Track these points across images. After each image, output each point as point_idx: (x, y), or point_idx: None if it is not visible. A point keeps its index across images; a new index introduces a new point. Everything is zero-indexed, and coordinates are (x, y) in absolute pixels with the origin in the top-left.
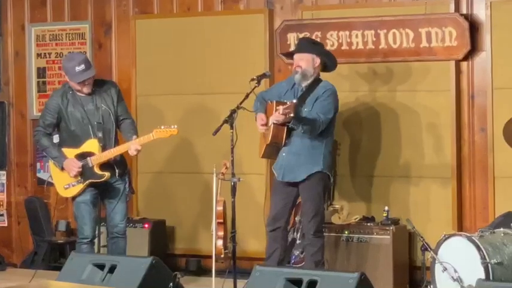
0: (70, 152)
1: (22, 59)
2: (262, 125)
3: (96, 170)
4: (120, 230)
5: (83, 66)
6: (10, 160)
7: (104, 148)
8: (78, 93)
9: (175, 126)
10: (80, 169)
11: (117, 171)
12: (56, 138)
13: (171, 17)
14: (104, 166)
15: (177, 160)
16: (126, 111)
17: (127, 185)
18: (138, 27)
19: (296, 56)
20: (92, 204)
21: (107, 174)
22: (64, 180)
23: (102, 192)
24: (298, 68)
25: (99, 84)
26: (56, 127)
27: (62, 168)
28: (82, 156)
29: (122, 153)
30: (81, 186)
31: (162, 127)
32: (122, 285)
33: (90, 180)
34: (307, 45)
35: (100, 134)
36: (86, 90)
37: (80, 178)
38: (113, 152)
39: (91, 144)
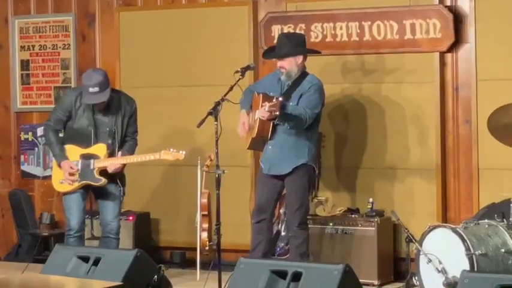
0: (76, 150)
1: (5, 52)
2: (242, 130)
3: (96, 173)
4: (111, 228)
5: (96, 89)
6: None
7: (110, 155)
8: None
9: (183, 152)
10: (73, 175)
11: (117, 180)
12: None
13: (155, 9)
14: (105, 172)
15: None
16: (133, 132)
17: (121, 190)
18: (122, 19)
19: (279, 59)
20: (81, 196)
21: (104, 179)
22: (62, 175)
23: (95, 191)
24: (282, 70)
25: (117, 98)
26: (65, 124)
27: (59, 166)
28: (87, 157)
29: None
30: (75, 185)
31: (171, 150)
32: (106, 277)
33: (86, 182)
34: (287, 49)
35: (109, 141)
36: (97, 107)
37: (77, 177)
38: (117, 160)
39: (99, 148)
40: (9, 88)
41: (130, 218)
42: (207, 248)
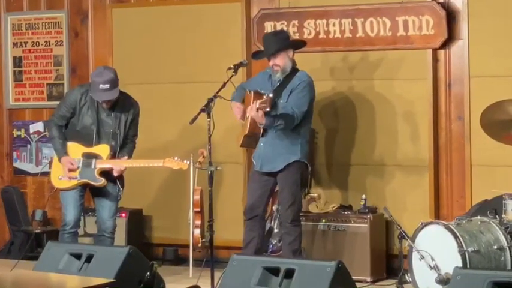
0: (79, 148)
1: None
2: (239, 115)
3: (96, 173)
4: (107, 227)
5: (107, 86)
6: None
7: (113, 157)
8: None
9: (188, 162)
10: (72, 171)
11: (115, 180)
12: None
13: (148, 6)
14: (105, 173)
15: (154, 149)
16: (133, 136)
17: (119, 190)
18: (115, 16)
19: (271, 58)
20: (78, 193)
21: (103, 180)
22: (61, 171)
23: (92, 189)
24: (276, 67)
25: (122, 99)
26: (69, 120)
27: (59, 161)
28: (89, 156)
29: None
30: (74, 182)
31: (176, 158)
32: (99, 274)
33: (85, 180)
34: (277, 45)
35: (112, 143)
36: (105, 105)
37: (77, 175)
38: (121, 162)
39: (102, 149)
40: (2, 85)
41: (123, 214)
42: (199, 244)
